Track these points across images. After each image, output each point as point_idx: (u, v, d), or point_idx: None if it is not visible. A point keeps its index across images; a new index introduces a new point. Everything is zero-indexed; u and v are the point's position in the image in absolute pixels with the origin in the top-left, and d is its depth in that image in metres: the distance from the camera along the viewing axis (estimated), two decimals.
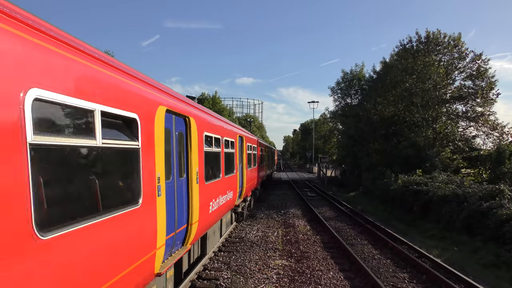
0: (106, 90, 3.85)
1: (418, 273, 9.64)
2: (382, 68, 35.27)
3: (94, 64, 3.64)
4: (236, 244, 12.50)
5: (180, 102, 6.55)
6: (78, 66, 3.38)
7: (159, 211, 5.13)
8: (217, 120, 10.06)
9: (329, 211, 20.48)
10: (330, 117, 52.01)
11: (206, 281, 8.79)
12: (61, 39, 3.17)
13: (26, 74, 2.70)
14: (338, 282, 8.91)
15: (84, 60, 3.47)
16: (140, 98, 4.73)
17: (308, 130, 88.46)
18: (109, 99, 3.84)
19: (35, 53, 2.82)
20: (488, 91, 27.66)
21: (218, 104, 57.52)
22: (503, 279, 9.40)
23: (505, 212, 12.12)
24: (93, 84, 3.59)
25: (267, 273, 9.51)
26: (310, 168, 67.38)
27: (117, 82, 4.13)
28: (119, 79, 4.18)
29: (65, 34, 3.31)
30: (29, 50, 2.76)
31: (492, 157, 22.99)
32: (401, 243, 12.56)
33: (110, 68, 3.99)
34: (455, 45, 29.23)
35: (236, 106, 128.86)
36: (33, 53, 2.80)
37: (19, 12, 2.75)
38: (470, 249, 12.12)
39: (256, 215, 18.40)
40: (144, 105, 4.78)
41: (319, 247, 12.31)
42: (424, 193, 17.97)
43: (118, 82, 4.14)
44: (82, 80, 3.42)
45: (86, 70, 3.50)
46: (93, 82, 3.61)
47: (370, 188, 27.03)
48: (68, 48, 3.26)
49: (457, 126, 29.62)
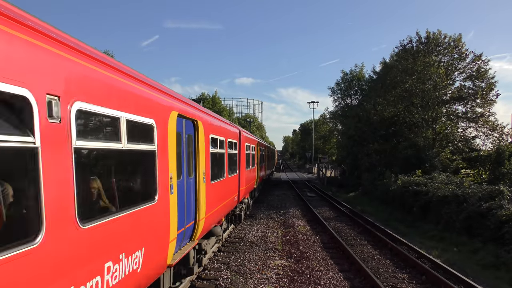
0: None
1: (417, 273, 9.64)
2: (382, 69, 35.27)
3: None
4: (236, 244, 12.49)
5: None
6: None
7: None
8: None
9: (328, 211, 20.48)
10: (329, 118, 51.97)
11: (206, 281, 8.79)
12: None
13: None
14: (337, 282, 8.91)
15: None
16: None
17: (307, 130, 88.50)
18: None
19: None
20: (488, 92, 27.66)
21: (218, 104, 57.55)
22: (503, 280, 9.40)
23: (504, 213, 12.10)
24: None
25: (266, 273, 9.51)
26: (309, 169, 67.36)
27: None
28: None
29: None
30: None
31: (492, 158, 23.02)
32: (400, 244, 12.56)
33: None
34: (455, 45, 29.20)
35: (236, 106, 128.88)
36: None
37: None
38: (470, 250, 12.12)
39: (256, 215, 18.39)
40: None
41: (318, 247, 12.30)
42: (424, 193, 17.96)
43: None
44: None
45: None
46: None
47: (370, 189, 27.03)
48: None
49: (457, 126, 29.62)
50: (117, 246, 3.89)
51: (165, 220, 5.33)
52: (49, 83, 2.89)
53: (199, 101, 53.79)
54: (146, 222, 4.65)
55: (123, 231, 4.04)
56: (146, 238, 4.64)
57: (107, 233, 3.70)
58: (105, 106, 3.70)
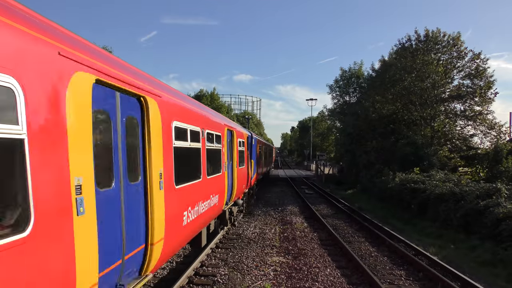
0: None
1: (414, 270, 9.66)
2: (381, 67, 35.20)
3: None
4: (234, 241, 12.49)
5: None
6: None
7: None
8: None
9: (326, 208, 20.50)
10: (328, 115, 51.96)
11: (204, 277, 8.78)
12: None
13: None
14: (335, 279, 8.92)
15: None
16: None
17: (306, 127, 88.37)
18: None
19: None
20: (486, 90, 27.65)
21: (216, 101, 57.52)
22: (500, 277, 9.43)
23: (502, 210, 12.13)
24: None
25: (264, 270, 9.51)
26: (308, 166, 67.38)
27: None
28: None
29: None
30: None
31: (489, 156, 23.05)
32: (398, 241, 12.59)
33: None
34: (454, 44, 29.17)
35: (234, 103, 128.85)
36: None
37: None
38: (467, 247, 12.16)
39: (254, 212, 18.40)
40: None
41: (316, 244, 12.32)
42: (422, 191, 17.98)
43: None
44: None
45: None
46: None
47: (368, 186, 27.05)
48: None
49: (455, 124, 29.61)
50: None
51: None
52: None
53: (199, 98, 53.77)
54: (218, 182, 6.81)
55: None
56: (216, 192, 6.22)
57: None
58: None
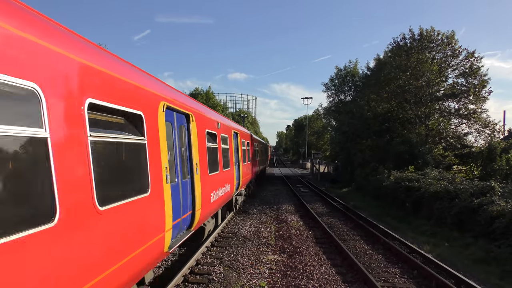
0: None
1: (409, 268, 9.70)
2: (376, 65, 35.30)
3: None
4: (229, 239, 12.47)
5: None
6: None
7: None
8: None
9: (321, 206, 20.54)
10: (323, 113, 52.07)
11: (199, 276, 8.75)
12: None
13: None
14: (330, 277, 8.93)
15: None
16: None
17: (301, 126, 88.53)
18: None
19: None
20: (481, 89, 27.82)
21: (211, 99, 57.31)
22: (493, 274, 9.50)
23: (495, 208, 12.23)
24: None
25: (259, 268, 9.50)
26: (303, 164, 67.50)
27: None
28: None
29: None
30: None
31: (484, 154, 23.22)
32: (393, 239, 12.64)
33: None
34: (448, 42, 29.29)
35: (230, 102, 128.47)
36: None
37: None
38: (461, 244, 12.24)
39: (249, 210, 18.38)
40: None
41: (311, 242, 12.33)
42: (416, 189, 18.08)
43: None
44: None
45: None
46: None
47: (363, 184, 27.15)
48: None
49: (450, 123, 29.79)
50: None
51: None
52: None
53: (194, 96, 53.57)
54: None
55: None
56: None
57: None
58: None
